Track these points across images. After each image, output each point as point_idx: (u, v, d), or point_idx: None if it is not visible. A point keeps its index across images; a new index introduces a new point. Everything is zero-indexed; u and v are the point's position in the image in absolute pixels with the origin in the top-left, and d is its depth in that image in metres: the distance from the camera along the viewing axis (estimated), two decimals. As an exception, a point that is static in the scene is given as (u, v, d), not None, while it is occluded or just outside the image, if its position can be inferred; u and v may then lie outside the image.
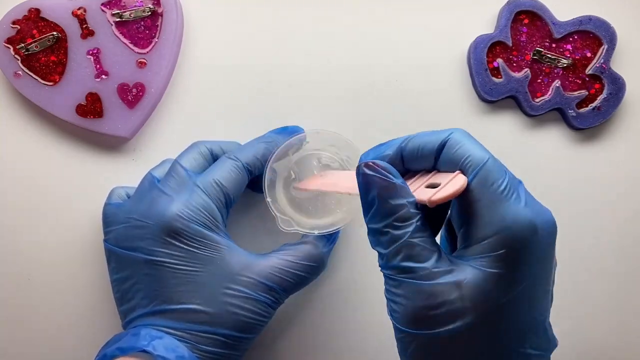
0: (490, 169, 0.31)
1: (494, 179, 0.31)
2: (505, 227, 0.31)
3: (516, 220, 0.31)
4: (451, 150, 0.33)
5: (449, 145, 0.33)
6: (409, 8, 0.47)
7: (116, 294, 0.42)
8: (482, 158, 0.32)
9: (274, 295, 0.41)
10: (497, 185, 0.31)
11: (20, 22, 0.45)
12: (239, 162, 0.42)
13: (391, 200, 0.32)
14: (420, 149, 0.34)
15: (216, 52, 0.47)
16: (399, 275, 0.32)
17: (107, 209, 0.43)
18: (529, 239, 0.31)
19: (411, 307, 0.31)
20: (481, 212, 0.31)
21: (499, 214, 0.31)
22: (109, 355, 0.38)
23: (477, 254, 0.31)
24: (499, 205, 0.31)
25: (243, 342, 0.40)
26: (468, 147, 0.32)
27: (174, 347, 0.38)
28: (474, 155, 0.32)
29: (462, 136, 0.33)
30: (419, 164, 0.34)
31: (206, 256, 0.40)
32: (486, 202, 0.31)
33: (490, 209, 0.31)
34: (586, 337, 0.47)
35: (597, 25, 0.46)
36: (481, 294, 0.30)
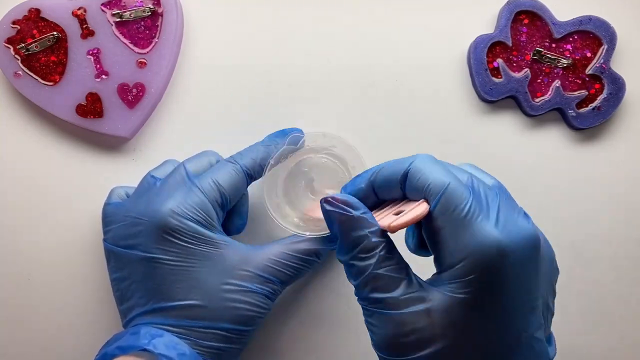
0: (451, 194, 0.32)
1: (455, 204, 0.31)
2: (470, 253, 0.31)
3: (482, 245, 0.31)
4: (413, 179, 0.33)
5: (410, 174, 0.33)
6: (409, 8, 0.47)
7: (116, 293, 0.42)
8: (442, 184, 0.32)
9: (272, 287, 0.41)
10: (459, 210, 0.31)
11: (20, 22, 0.45)
12: (237, 165, 0.42)
13: (352, 233, 0.33)
14: (386, 181, 0.35)
15: (216, 52, 0.47)
16: (370, 306, 0.33)
17: (107, 208, 0.43)
18: (497, 262, 0.31)
19: (383, 335, 0.32)
20: (447, 239, 0.32)
21: (464, 240, 0.31)
22: (109, 355, 0.38)
23: (447, 280, 0.31)
24: (463, 230, 0.31)
25: (243, 335, 0.41)
26: (428, 174, 0.33)
27: (175, 344, 0.38)
28: (433, 183, 0.32)
29: (423, 163, 0.33)
30: (390, 194, 0.35)
31: (202, 252, 0.40)
32: (450, 228, 0.31)
33: (455, 236, 0.31)
34: (585, 338, 0.47)
35: (597, 25, 0.46)
36: (450, 320, 0.31)
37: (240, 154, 0.43)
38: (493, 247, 0.31)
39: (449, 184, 0.32)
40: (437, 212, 0.32)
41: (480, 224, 0.31)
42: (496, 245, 0.31)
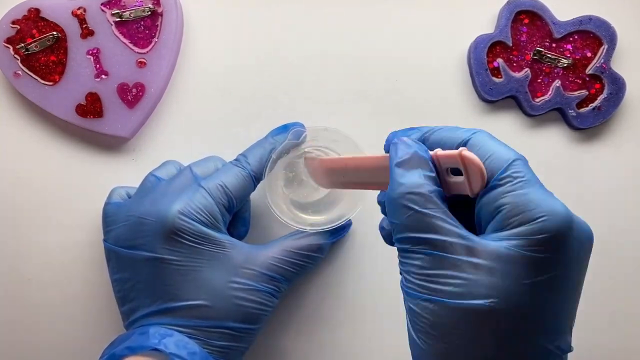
0: (521, 164, 0.31)
1: (525, 172, 0.31)
2: (546, 214, 0.29)
3: (556, 212, 0.30)
4: (474, 149, 0.32)
5: (471, 143, 0.32)
6: (409, 8, 0.47)
7: (117, 294, 0.42)
8: (510, 155, 0.31)
9: (277, 284, 0.41)
10: (531, 178, 0.31)
11: (20, 22, 0.45)
12: (244, 168, 0.42)
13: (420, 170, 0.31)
14: (441, 142, 0.33)
15: (216, 52, 0.47)
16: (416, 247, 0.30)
17: (108, 208, 0.43)
18: (568, 234, 0.30)
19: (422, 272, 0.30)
20: (515, 201, 0.30)
21: (538, 203, 0.30)
22: (118, 355, 0.38)
23: (512, 236, 0.30)
24: (536, 195, 0.30)
25: (250, 333, 0.41)
26: (492, 146, 0.32)
27: (185, 343, 0.38)
28: (498, 153, 0.31)
29: (485, 137, 0.32)
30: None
31: (209, 252, 0.40)
32: (523, 192, 0.30)
33: (528, 197, 0.30)
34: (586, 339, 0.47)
35: (597, 25, 0.46)
36: (501, 272, 0.29)
37: (245, 156, 0.43)
38: (566, 216, 0.30)
39: (515, 159, 0.31)
40: (507, 177, 0.30)
41: (550, 196, 0.30)
42: (569, 216, 0.30)
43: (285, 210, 0.44)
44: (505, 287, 0.29)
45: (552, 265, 0.30)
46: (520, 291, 0.29)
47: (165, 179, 0.43)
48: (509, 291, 0.29)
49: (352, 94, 0.47)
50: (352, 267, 0.47)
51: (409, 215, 0.31)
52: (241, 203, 0.43)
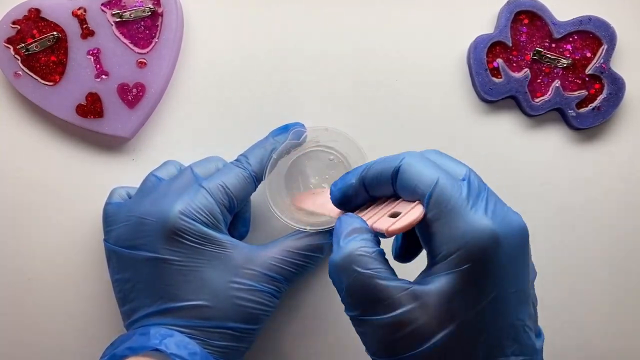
0: (442, 189, 0.32)
1: (447, 197, 0.32)
2: (465, 243, 0.31)
3: (475, 233, 0.31)
4: (403, 177, 0.33)
5: (400, 171, 0.33)
6: (408, 8, 0.47)
7: (118, 294, 0.42)
8: (431, 180, 0.32)
9: (277, 285, 0.41)
10: (452, 202, 0.31)
11: (20, 22, 0.45)
12: (245, 169, 0.42)
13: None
14: (377, 178, 0.34)
15: (216, 52, 0.47)
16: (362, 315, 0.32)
17: (108, 208, 0.43)
18: (491, 250, 0.31)
19: (378, 339, 0.32)
20: (440, 230, 0.31)
21: (457, 230, 0.31)
22: (119, 356, 0.38)
23: (441, 271, 0.31)
24: (456, 222, 0.31)
25: (250, 333, 0.41)
26: (418, 171, 0.33)
27: (186, 344, 0.38)
28: (424, 179, 0.32)
29: (413, 160, 0.33)
30: (381, 191, 0.35)
31: (209, 252, 0.40)
32: (444, 221, 0.31)
33: (448, 228, 0.31)
34: (584, 339, 0.47)
35: (597, 25, 0.46)
36: (447, 311, 0.31)
37: (246, 156, 0.43)
38: (487, 235, 0.31)
39: (438, 179, 0.32)
40: (431, 206, 0.32)
41: (474, 215, 0.31)
42: (490, 233, 0.31)
43: (286, 210, 0.44)
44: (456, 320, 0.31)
45: (486, 287, 0.31)
46: (468, 321, 0.31)
47: (166, 179, 0.43)
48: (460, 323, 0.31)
49: (352, 93, 0.47)
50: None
51: (354, 278, 0.32)
52: (242, 203, 0.43)
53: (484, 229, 0.31)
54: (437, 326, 0.31)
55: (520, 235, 0.32)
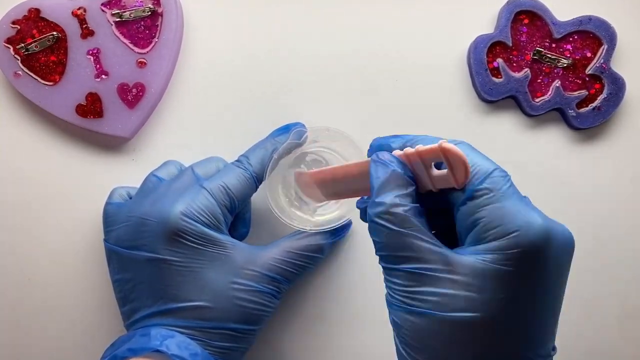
0: (499, 177, 0.31)
1: (503, 184, 0.31)
2: (520, 228, 0.30)
3: (531, 224, 0.30)
4: None
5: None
6: (408, 8, 0.47)
7: (118, 294, 0.42)
8: (489, 167, 0.32)
9: (277, 285, 0.42)
10: (508, 190, 0.31)
11: (20, 22, 0.45)
12: (246, 170, 0.42)
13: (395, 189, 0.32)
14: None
15: (216, 52, 0.47)
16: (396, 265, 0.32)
17: (108, 208, 0.43)
18: (543, 246, 0.30)
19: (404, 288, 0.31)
20: (494, 213, 0.31)
21: (512, 216, 0.30)
22: (120, 357, 0.38)
23: (487, 249, 0.30)
24: (512, 208, 0.30)
25: (251, 334, 0.41)
26: (471, 157, 0.32)
27: (187, 345, 0.38)
28: (481, 165, 0.32)
29: (466, 147, 0.33)
30: None
31: (210, 253, 0.40)
32: (499, 205, 0.31)
33: (501, 211, 0.30)
34: (587, 336, 0.47)
35: (597, 25, 0.46)
36: (477, 286, 0.30)
37: (247, 157, 0.43)
38: (541, 228, 0.30)
39: (497, 169, 0.32)
40: (485, 188, 0.31)
41: (528, 208, 0.31)
42: (544, 227, 0.30)
43: (286, 210, 0.44)
44: (482, 301, 0.30)
45: (528, 279, 0.30)
46: (496, 305, 0.30)
47: (167, 179, 0.43)
48: (485, 305, 0.30)
49: (352, 93, 0.47)
50: (352, 268, 0.47)
51: (386, 234, 0.32)
52: (243, 204, 0.43)
53: (540, 223, 0.30)
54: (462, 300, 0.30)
55: (570, 245, 0.32)
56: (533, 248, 0.30)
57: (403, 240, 0.31)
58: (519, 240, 0.30)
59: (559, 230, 0.31)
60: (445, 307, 0.30)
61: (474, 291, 0.30)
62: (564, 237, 0.32)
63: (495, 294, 0.30)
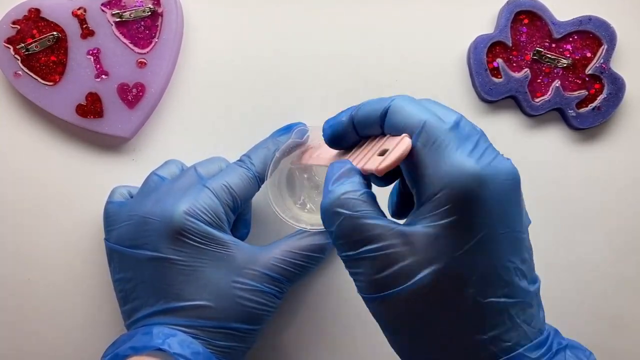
0: (430, 129, 0.31)
1: (435, 137, 0.31)
2: (449, 183, 0.30)
3: (460, 174, 0.30)
4: (392, 116, 0.33)
5: (390, 111, 0.33)
6: (408, 8, 0.47)
7: (119, 293, 0.42)
8: (420, 120, 0.32)
9: (279, 285, 0.42)
10: (438, 142, 0.31)
11: (20, 22, 0.45)
12: (249, 169, 0.42)
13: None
14: (367, 117, 0.34)
15: (216, 52, 0.47)
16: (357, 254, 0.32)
17: (109, 207, 0.43)
18: (476, 191, 0.30)
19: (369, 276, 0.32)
20: (426, 171, 0.31)
21: (443, 170, 0.31)
22: (121, 355, 0.38)
23: (427, 212, 0.31)
24: (442, 162, 0.31)
25: (252, 334, 0.41)
26: (407, 111, 0.32)
27: (188, 343, 0.38)
28: (412, 119, 0.32)
29: (403, 101, 0.33)
30: (369, 131, 0.35)
31: (213, 252, 0.40)
32: (430, 161, 0.31)
33: (434, 168, 0.31)
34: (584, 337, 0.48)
35: (597, 25, 0.46)
36: (433, 249, 0.30)
37: (249, 156, 0.43)
38: (471, 176, 0.30)
39: (427, 120, 0.32)
40: (418, 146, 0.31)
41: (460, 156, 0.31)
42: (474, 174, 0.30)
43: (288, 209, 0.44)
44: (442, 259, 0.31)
45: (472, 228, 0.31)
46: (455, 260, 0.31)
47: (168, 178, 0.43)
48: (446, 262, 0.31)
49: (352, 93, 0.47)
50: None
51: (341, 220, 0.32)
52: (245, 204, 0.43)
53: (467, 169, 0.30)
54: (423, 264, 0.30)
55: (510, 179, 0.32)
56: (464, 199, 0.30)
57: (358, 223, 0.32)
58: (448, 195, 0.30)
59: (496, 169, 0.31)
60: (410, 276, 0.31)
61: (432, 253, 0.31)
62: (500, 173, 0.32)
63: (450, 251, 0.31)
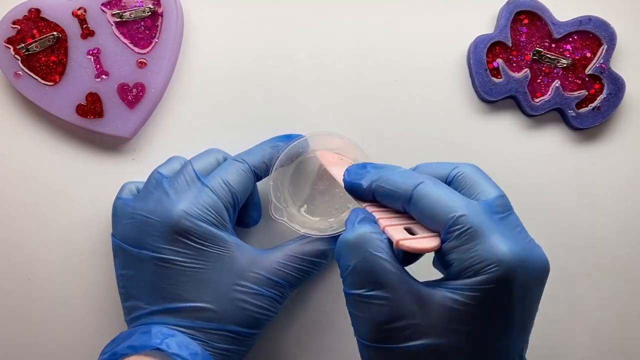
0: (462, 221, 0.31)
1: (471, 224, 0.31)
2: (488, 265, 0.31)
3: (499, 260, 0.31)
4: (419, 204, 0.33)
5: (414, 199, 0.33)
6: (408, 8, 0.47)
7: (121, 289, 0.42)
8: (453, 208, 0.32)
9: (281, 290, 0.41)
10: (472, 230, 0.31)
11: (20, 22, 0.45)
12: (246, 164, 0.42)
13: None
14: (389, 196, 0.34)
15: (216, 52, 0.47)
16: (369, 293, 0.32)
17: (117, 203, 0.43)
18: (509, 280, 0.31)
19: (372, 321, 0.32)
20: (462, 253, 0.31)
21: (482, 252, 0.31)
22: (120, 354, 0.38)
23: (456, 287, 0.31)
24: (480, 247, 0.31)
25: (251, 337, 0.41)
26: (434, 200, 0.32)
27: (187, 344, 0.38)
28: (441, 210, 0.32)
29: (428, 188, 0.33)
30: (391, 206, 0.35)
31: (215, 254, 0.40)
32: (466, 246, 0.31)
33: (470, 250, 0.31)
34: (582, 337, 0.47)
35: (597, 26, 0.46)
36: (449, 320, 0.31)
37: (247, 153, 0.43)
38: (509, 263, 0.30)
39: (457, 213, 0.31)
40: (450, 238, 0.32)
41: (499, 240, 0.31)
42: (511, 261, 0.30)
43: (291, 214, 0.44)
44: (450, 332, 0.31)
45: (495, 312, 0.31)
46: (464, 337, 0.31)
47: (168, 177, 0.43)
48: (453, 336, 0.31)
49: (353, 93, 0.47)
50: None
51: (364, 257, 0.32)
52: (244, 199, 0.43)
53: (505, 257, 0.30)
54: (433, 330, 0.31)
55: (543, 269, 0.33)
56: (499, 286, 0.31)
57: (380, 265, 0.32)
58: (489, 278, 0.30)
59: (532, 257, 0.32)
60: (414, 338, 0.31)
61: (441, 323, 0.31)
62: (538, 263, 0.32)
63: (463, 327, 0.31)
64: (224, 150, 0.45)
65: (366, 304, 0.32)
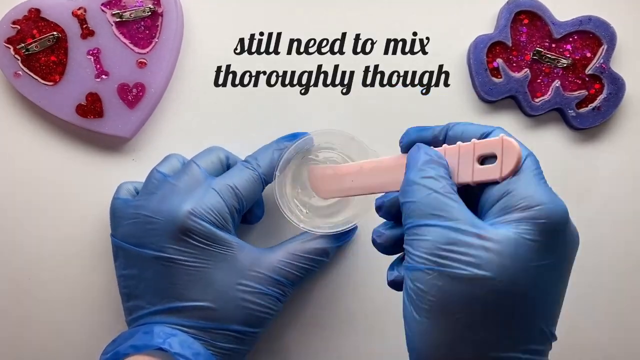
0: (530, 162, 0.32)
1: (534, 169, 0.32)
2: (548, 203, 0.31)
3: (556, 202, 0.31)
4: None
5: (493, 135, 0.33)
6: (408, 8, 0.47)
7: (123, 289, 0.42)
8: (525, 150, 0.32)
9: (282, 288, 0.41)
10: (538, 172, 0.32)
11: (20, 22, 0.45)
12: (256, 172, 0.42)
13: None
14: (464, 134, 0.34)
15: (216, 52, 0.47)
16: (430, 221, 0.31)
17: (116, 203, 0.43)
18: (565, 224, 0.31)
19: (435, 245, 0.31)
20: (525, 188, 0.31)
21: (541, 193, 0.31)
22: (122, 353, 0.38)
23: (514, 220, 0.31)
24: (540, 188, 0.31)
25: (253, 336, 0.41)
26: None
27: (189, 343, 0.38)
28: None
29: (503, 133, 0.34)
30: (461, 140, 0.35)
31: (217, 253, 0.40)
32: (530, 181, 0.31)
33: (533, 188, 0.31)
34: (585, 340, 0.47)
35: (597, 25, 0.46)
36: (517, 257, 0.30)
37: (256, 158, 0.43)
38: (564, 208, 0.31)
39: (528, 155, 0.32)
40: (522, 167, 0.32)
41: (551, 191, 0.32)
42: (566, 209, 0.31)
43: (294, 212, 0.44)
44: (513, 268, 0.30)
45: (553, 252, 0.31)
46: (526, 273, 0.30)
47: (171, 175, 0.43)
48: (516, 272, 0.30)
49: (353, 93, 0.47)
50: (355, 271, 0.47)
51: (427, 195, 0.32)
52: (250, 204, 0.43)
53: (562, 203, 0.31)
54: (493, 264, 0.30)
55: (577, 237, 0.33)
56: (560, 224, 0.31)
57: (443, 202, 0.31)
58: (548, 214, 0.30)
59: (573, 225, 0.32)
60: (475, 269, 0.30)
61: (505, 259, 0.30)
62: (575, 232, 0.33)
63: (525, 263, 0.30)
64: (225, 148, 0.45)
65: (428, 227, 0.31)
